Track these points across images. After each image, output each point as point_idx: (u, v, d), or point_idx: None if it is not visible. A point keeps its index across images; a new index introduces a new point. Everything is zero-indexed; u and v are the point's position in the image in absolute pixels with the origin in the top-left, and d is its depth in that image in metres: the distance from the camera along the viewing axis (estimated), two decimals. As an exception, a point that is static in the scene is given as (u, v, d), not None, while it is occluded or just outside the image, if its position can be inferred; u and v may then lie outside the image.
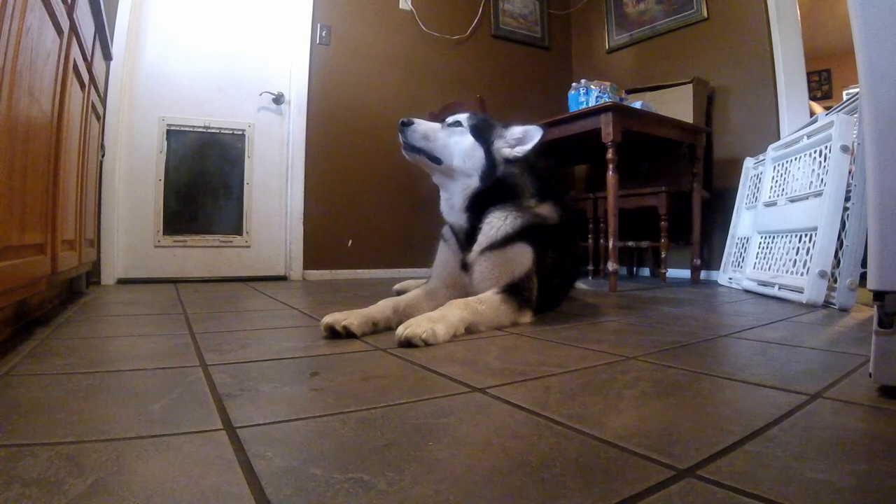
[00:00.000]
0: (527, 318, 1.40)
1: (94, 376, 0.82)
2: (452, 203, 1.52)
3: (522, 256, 1.41)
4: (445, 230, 1.59)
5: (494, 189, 1.47)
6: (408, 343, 1.05)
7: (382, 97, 3.33)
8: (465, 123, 1.52)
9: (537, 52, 4.06)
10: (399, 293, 2.10)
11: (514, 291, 1.37)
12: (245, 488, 0.44)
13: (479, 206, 1.47)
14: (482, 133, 1.50)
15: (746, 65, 2.99)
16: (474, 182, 1.47)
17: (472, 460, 0.51)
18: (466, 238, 1.48)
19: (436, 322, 1.12)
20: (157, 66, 2.79)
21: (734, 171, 2.91)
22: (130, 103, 2.72)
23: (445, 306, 1.23)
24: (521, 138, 1.49)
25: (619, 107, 2.44)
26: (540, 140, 1.47)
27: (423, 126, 1.50)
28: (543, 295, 1.47)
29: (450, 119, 1.55)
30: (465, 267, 1.47)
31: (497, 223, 1.43)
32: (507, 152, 1.48)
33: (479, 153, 1.47)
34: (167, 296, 2.09)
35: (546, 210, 1.51)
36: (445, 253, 1.56)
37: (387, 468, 0.48)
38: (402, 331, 1.07)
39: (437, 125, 1.54)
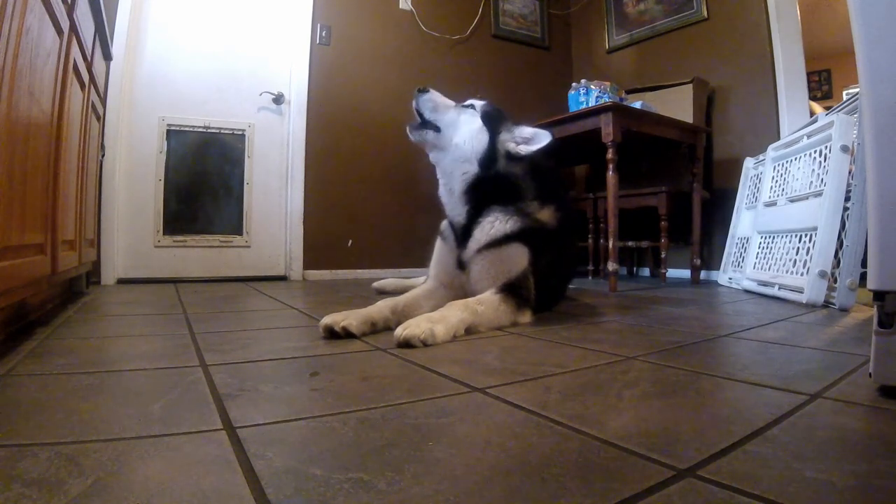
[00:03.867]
0: (526, 317, 1.40)
1: (94, 376, 0.82)
2: (451, 188, 1.52)
3: (519, 256, 1.41)
4: (444, 226, 1.59)
5: (495, 183, 1.46)
6: (406, 344, 1.05)
7: (382, 97, 3.32)
8: (477, 108, 1.55)
9: (537, 52, 4.06)
10: (379, 291, 2.14)
11: (513, 291, 1.37)
12: (245, 488, 0.44)
13: (478, 197, 1.47)
14: (492, 122, 1.51)
15: (746, 65, 2.99)
16: (473, 168, 1.47)
17: (472, 460, 0.51)
18: (463, 234, 1.47)
19: (435, 323, 1.12)
20: (157, 66, 2.79)
21: (734, 171, 2.91)
22: (130, 103, 2.72)
23: (446, 307, 1.23)
24: (528, 139, 1.49)
25: (619, 107, 2.44)
26: (547, 145, 1.47)
27: (437, 98, 1.55)
28: (541, 295, 1.47)
29: (465, 103, 1.59)
30: (462, 265, 1.47)
31: (497, 223, 1.42)
32: (512, 147, 1.48)
33: (484, 138, 1.48)
34: (167, 296, 2.09)
35: (546, 215, 1.51)
36: (443, 250, 1.56)
37: (387, 468, 0.48)
38: (400, 331, 1.07)
39: (450, 101, 1.58)
